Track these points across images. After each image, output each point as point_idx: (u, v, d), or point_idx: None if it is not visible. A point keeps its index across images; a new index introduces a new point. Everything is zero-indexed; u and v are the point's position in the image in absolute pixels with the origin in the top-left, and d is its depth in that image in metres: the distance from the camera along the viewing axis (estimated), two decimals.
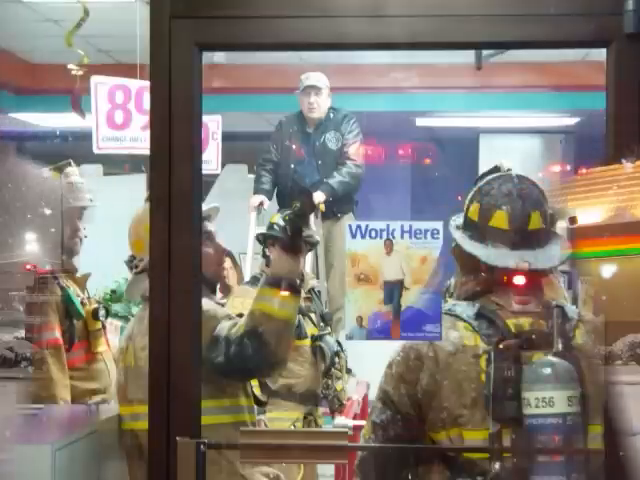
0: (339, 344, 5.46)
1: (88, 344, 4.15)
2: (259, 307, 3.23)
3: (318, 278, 6.37)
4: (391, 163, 10.34)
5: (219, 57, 7.70)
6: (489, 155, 9.65)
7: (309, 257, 6.18)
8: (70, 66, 5.66)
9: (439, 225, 2.39)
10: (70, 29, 5.31)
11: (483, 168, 2.84)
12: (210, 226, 3.52)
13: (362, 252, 2.36)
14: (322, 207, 6.69)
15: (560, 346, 2.52)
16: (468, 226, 2.71)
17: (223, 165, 6.82)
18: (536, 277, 2.65)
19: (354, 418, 5.60)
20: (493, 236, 2.65)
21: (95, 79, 5.84)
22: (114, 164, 9.04)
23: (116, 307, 6.71)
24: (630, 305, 2.15)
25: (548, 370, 2.47)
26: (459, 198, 2.89)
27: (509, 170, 2.75)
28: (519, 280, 2.62)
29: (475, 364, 2.56)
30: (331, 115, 7.11)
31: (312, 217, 5.78)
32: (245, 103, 9.26)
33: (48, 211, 3.21)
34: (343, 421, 5.37)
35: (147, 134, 2.39)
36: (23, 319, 2.66)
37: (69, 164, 4.31)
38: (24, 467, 2.70)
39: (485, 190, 2.71)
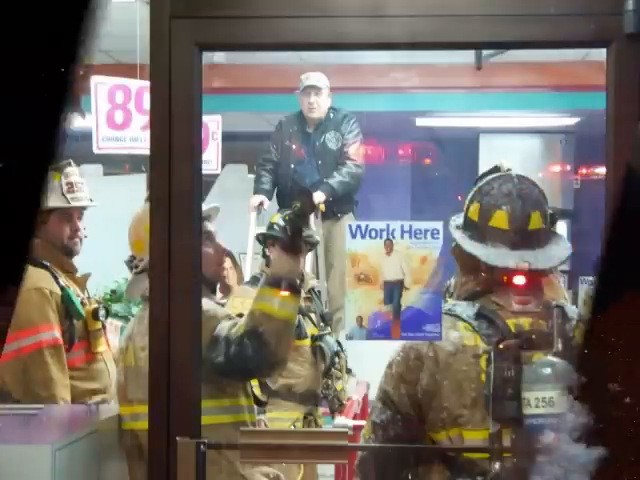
0: (339, 344, 5.46)
1: (88, 344, 4.14)
2: (259, 307, 3.23)
3: (318, 278, 6.37)
4: (391, 163, 10.35)
5: (219, 57, 7.70)
6: (489, 155, 9.65)
7: (309, 257, 6.18)
8: None
9: (439, 225, 2.39)
10: None
11: (483, 168, 2.84)
12: (210, 226, 3.51)
13: (362, 252, 2.36)
14: (322, 207, 6.69)
15: (560, 346, 2.52)
16: (468, 226, 2.71)
17: (223, 165, 6.83)
18: (536, 277, 2.65)
19: (354, 418, 5.60)
20: (493, 236, 2.65)
21: (95, 79, 5.85)
22: (114, 164, 9.05)
23: (116, 307, 6.71)
24: None
25: (548, 370, 2.47)
26: (459, 198, 2.89)
27: (509, 170, 2.75)
28: (519, 280, 2.62)
29: (475, 364, 2.56)
30: (331, 115, 7.11)
31: (312, 217, 5.78)
32: (245, 103, 9.25)
33: None
34: (343, 421, 5.37)
35: (147, 134, 2.39)
36: None
37: (69, 164, 4.30)
38: (24, 467, 2.70)
39: (485, 190, 2.71)
